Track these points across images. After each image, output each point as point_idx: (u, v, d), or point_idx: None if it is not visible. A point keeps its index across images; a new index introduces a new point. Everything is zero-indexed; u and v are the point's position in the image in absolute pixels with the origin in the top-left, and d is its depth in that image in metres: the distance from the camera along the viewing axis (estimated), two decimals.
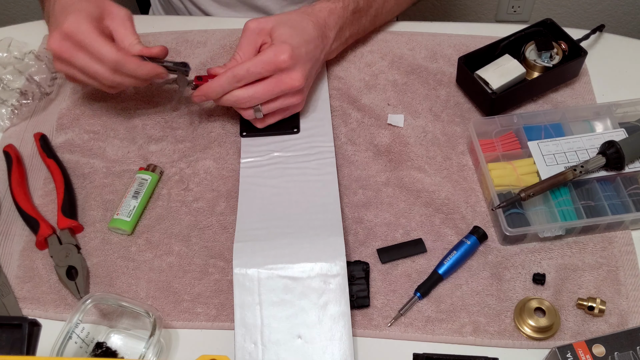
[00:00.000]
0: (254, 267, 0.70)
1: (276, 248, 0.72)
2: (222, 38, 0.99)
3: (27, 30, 1.02)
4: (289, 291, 0.69)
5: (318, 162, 0.81)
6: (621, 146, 0.76)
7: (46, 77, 0.92)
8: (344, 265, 0.70)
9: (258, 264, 0.70)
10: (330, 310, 0.69)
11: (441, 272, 0.74)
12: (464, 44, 0.96)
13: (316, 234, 0.73)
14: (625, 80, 0.92)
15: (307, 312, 0.69)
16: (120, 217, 0.79)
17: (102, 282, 0.76)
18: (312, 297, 0.69)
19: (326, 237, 0.72)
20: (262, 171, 0.81)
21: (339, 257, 0.70)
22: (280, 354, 0.67)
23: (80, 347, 0.69)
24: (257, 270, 0.70)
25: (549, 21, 0.90)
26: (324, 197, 0.77)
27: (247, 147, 0.84)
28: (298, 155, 0.82)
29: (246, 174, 0.81)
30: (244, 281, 0.70)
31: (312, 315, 0.69)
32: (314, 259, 0.70)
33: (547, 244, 0.77)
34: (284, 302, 0.69)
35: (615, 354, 0.64)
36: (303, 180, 0.80)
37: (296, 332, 0.68)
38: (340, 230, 0.73)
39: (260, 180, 0.80)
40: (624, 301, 0.72)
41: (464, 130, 0.87)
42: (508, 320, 0.72)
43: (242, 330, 0.68)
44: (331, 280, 0.69)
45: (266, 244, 0.72)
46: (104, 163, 0.86)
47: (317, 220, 0.75)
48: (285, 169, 0.81)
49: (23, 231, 0.80)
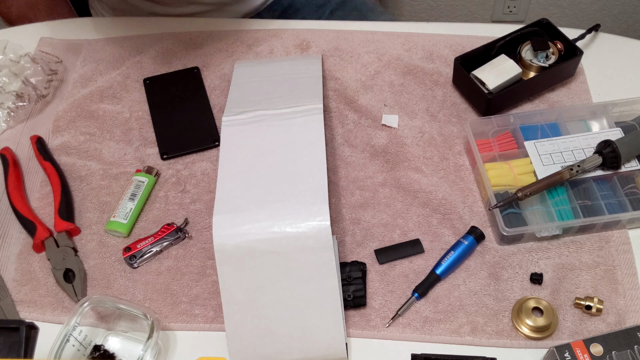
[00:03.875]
0: (236, 241, 0.68)
1: (259, 220, 0.69)
2: (219, 39, 0.99)
3: (23, 33, 1.02)
4: (273, 266, 0.68)
5: (304, 119, 0.78)
6: (617, 145, 0.76)
7: (42, 79, 0.92)
8: (329, 237, 0.68)
9: (240, 239, 0.68)
10: (317, 282, 0.67)
11: (439, 272, 0.74)
12: (460, 44, 0.96)
13: (300, 202, 0.70)
14: (621, 80, 0.92)
15: (295, 285, 0.67)
16: (117, 220, 0.79)
17: (100, 285, 0.76)
18: (298, 272, 0.68)
19: (310, 205, 0.69)
20: (245, 129, 0.77)
21: (324, 228, 0.68)
22: (271, 327, 0.67)
23: (78, 350, 0.68)
24: (239, 246, 0.68)
25: (545, 21, 0.90)
26: (310, 156, 0.74)
27: (232, 104, 0.81)
28: (284, 112, 0.79)
29: (228, 133, 0.77)
30: (226, 257, 0.68)
31: (300, 288, 0.67)
32: (298, 231, 0.68)
33: (545, 244, 0.77)
34: (270, 276, 0.68)
35: (613, 353, 0.64)
36: (288, 138, 0.76)
37: (285, 305, 0.67)
38: (325, 195, 0.70)
39: (242, 140, 0.76)
40: (621, 300, 0.72)
41: (461, 130, 0.87)
42: (506, 320, 0.72)
43: (231, 306, 0.67)
44: (316, 253, 0.68)
45: (247, 215, 0.69)
46: (101, 165, 0.86)
47: (301, 184, 0.71)
48: (270, 127, 0.77)
49: (20, 234, 0.80)
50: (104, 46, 1.00)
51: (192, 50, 0.98)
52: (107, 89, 0.94)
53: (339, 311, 0.68)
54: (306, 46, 0.98)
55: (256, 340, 0.68)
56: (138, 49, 0.99)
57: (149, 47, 0.99)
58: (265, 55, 0.97)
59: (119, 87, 0.94)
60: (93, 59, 0.98)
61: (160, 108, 0.91)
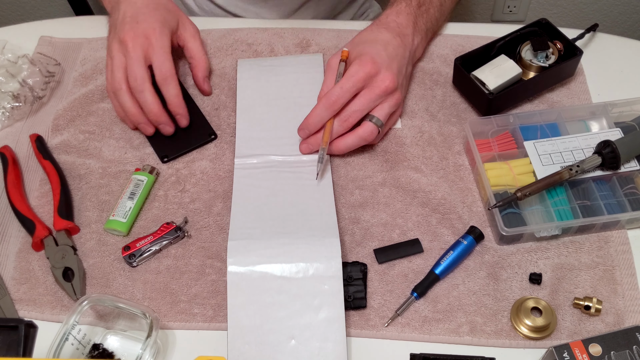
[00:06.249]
0: (249, 266, 0.70)
1: (271, 247, 0.71)
2: (219, 39, 0.99)
3: (22, 32, 1.02)
4: (283, 292, 0.69)
5: (313, 168, 0.81)
6: (617, 146, 0.76)
7: (39, 80, 0.92)
8: (339, 267, 0.70)
9: (253, 263, 0.70)
10: (324, 312, 0.68)
11: (438, 272, 0.74)
12: (460, 44, 0.97)
13: (312, 235, 0.73)
14: (621, 80, 0.92)
15: (302, 313, 0.68)
16: (116, 219, 0.79)
17: (99, 284, 0.76)
18: (307, 299, 0.69)
19: (322, 238, 0.72)
20: (257, 173, 0.81)
21: (335, 258, 0.70)
22: (274, 355, 0.67)
23: (77, 348, 0.68)
24: (252, 270, 0.70)
25: (544, 21, 0.90)
26: (319, 199, 0.77)
27: (241, 148, 0.84)
28: (293, 160, 0.82)
29: (240, 175, 0.81)
30: (238, 280, 0.69)
31: (307, 316, 0.68)
32: (310, 260, 0.70)
33: (544, 244, 0.77)
34: (278, 302, 0.69)
35: (612, 353, 0.64)
36: (298, 183, 0.80)
37: (290, 333, 0.68)
38: (336, 231, 0.73)
39: (255, 182, 0.80)
40: (620, 300, 0.72)
41: (460, 130, 0.87)
42: (505, 320, 0.72)
43: (236, 330, 0.68)
44: (326, 282, 0.69)
45: (261, 243, 0.72)
46: (100, 164, 0.86)
47: (312, 221, 0.75)
48: (280, 172, 0.81)
49: (19, 233, 0.80)
50: (104, 45, 0.99)
51: None
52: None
53: (343, 340, 0.68)
54: (306, 45, 0.98)
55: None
56: None
57: None
58: (265, 54, 0.97)
59: None
60: (93, 58, 0.98)
61: None
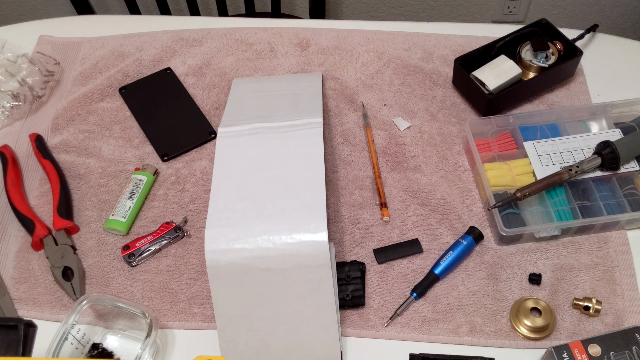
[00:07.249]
0: (229, 258, 0.66)
1: (253, 235, 0.66)
2: (219, 39, 0.99)
3: (21, 31, 1.02)
4: (268, 283, 0.66)
5: (303, 132, 0.75)
6: (617, 146, 0.76)
7: (39, 79, 0.92)
8: (326, 254, 0.65)
9: (233, 255, 0.65)
10: (314, 299, 0.66)
11: (437, 272, 0.74)
12: (460, 45, 0.97)
13: (297, 218, 0.67)
14: (621, 81, 0.92)
15: (290, 302, 0.66)
16: (116, 218, 0.79)
17: (98, 283, 0.76)
18: (294, 288, 0.66)
19: (308, 222, 0.67)
20: (241, 141, 0.75)
21: (322, 245, 0.65)
22: (265, 338, 0.66)
23: (76, 348, 0.68)
24: (232, 263, 0.65)
25: (544, 21, 0.91)
26: (308, 170, 0.71)
27: (229, 115, 0.78)
28: (282, 125, 0.76)
29: (223, 144, 0.75)
30: (219, 274, 0.66)
31: (295, 304, 0.66)
32: (295, 250, 0.66)
33: (543, 244, 0.77)
34: (264, 293, 0.66)
35: (611, 353, 0.64)
36: (286, 152, 0.73)
37: (280, 320, 0.67)
38: (324, 212, 0.67)
39: (238, 152, 0.74)
40: (619, 301, 0.72)
41: (460, 130, 0.87)
42: (504, 320, 0.72)
43: (224, 320, 0.66)
44: (314, 271, 0.66)
45: (242, 230, 0.67)
46: (100, 163, 0.86)
47: (298, 198, 0.69)
48: (267, 139, 0.75)
49: (19, 232, 0.80)
50: (103, 44, 0.99)
51: (192, 48, 0.98)
52: (107, 87, 0.94)
53: (335, 327, 0.67)
54: (306, 44, 0.98)
55: (250, 353, 0.67)
56: (138, 47, 0.99)
57: (149, 45, 0.99)
58: (265, 54, 0.97)
59: (119, 85, 0.94)
60: (93, 57, 0.98)
61: (144, 113, 0.91)
